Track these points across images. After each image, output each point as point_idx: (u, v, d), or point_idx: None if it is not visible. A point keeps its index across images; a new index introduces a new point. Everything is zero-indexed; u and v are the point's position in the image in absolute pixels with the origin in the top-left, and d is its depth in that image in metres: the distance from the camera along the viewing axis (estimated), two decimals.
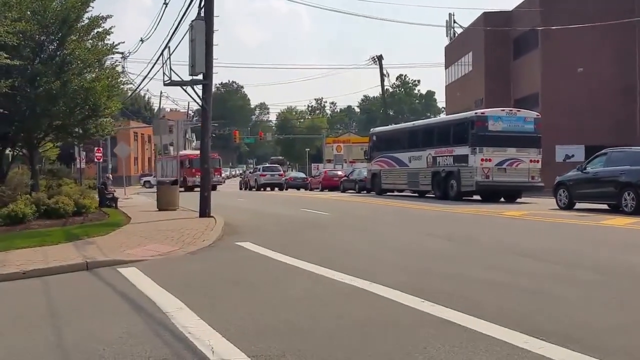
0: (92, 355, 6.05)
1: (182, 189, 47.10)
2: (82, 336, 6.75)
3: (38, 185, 22.86)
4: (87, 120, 22.47)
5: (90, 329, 7.01)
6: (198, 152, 35.96)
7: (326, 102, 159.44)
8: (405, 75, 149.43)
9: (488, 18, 52.50)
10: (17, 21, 18.11)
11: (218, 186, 52.12)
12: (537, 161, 28.27)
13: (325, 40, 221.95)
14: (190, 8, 21.13)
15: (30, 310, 8.32)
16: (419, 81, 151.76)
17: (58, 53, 21.67)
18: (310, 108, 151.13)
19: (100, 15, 22.60)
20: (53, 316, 7.85)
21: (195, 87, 21.13)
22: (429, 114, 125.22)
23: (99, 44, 23.25)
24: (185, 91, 21.18)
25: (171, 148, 67.00)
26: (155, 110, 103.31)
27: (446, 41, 64.65)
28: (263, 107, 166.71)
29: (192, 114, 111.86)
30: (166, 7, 25.21)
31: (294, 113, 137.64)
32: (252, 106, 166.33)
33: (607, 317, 7.08)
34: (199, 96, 21.07)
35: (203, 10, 20.45)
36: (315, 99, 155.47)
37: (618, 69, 43.50)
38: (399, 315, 7.23)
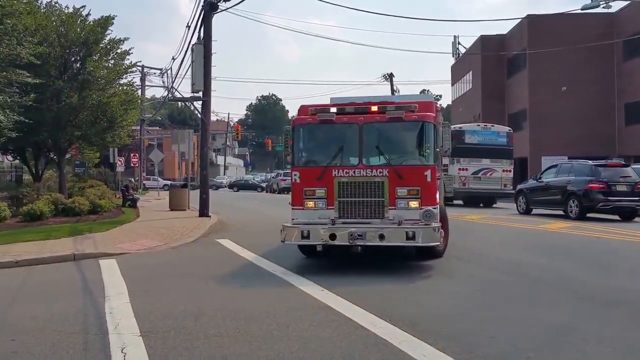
0: (19, 327, 6.66)
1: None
2: (22, 313, 7.37)
3: (65, 187, 23.54)
4: (106, 131, 23.09)
5: (33, 308, 7.61)
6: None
7: None
8: (428, 90, 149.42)
9: (485, 41, 52.76)
10: (40, 44, 18.84)
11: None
12: (510, 170, 28.49)
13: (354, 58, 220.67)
14: (193, 35, 21.68)
15: None
16: (440, 96, 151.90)
17: (81, 71, 22.35)
18: None
19: (117, 37, 23.32)
20: (13, 298, 8.42)
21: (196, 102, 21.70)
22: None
23: (119, 62, 23.92)
24: (187, 106, 21.82)
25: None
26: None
27: (453, 61, 64.68)
28: None
29: (233, 123, 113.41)
30: (188, 29, 25.41)
31: None
32: (290, 117, 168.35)
33: (455, 307, 7.38)
34: (198, 111, 21.63)
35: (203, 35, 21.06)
36: None
37: (599, 88, 43.46)
38: (291, 302, 7.68)
